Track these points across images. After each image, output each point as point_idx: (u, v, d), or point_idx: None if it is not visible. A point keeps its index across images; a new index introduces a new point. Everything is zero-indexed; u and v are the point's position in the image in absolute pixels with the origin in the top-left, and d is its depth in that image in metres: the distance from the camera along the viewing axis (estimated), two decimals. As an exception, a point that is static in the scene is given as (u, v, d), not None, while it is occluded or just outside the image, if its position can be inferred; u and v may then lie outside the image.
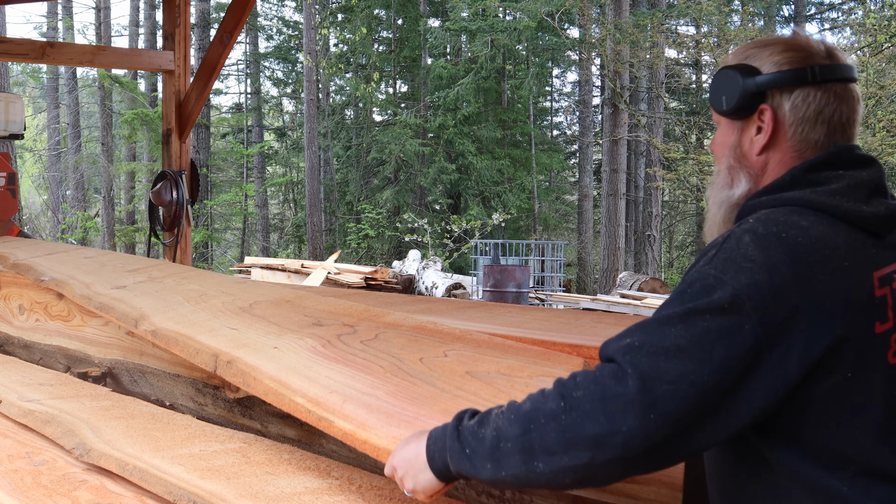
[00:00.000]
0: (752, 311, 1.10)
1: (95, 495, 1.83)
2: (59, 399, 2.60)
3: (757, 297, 1.11)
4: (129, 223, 23.26)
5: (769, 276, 1.12)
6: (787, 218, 1.19)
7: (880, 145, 13.22)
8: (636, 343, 1.12)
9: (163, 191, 6.28)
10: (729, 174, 1.34)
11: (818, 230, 1.17)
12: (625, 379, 1.09)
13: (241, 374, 1.80)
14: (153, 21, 23.34)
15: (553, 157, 23.07)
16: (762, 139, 1.30)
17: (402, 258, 14.72)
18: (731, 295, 1.11)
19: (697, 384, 1.08)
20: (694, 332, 1.10)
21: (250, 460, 1.94)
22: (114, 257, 3.32)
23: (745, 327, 1.10)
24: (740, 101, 1.30)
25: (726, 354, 1.09)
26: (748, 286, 1.11)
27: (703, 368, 1.08)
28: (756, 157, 1.31)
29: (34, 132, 28.19)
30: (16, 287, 3.67)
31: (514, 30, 19.06)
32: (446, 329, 1.74)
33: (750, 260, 1.13)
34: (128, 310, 2.45)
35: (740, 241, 1.16)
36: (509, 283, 10.10)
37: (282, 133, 28.00)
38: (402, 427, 1.41)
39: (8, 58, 6.76)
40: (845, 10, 21.37)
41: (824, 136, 1.27)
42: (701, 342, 1.09)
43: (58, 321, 3.36)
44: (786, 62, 1.28)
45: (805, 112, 1.27)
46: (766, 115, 1.29)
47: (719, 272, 1.14)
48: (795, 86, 1.27)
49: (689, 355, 1.09)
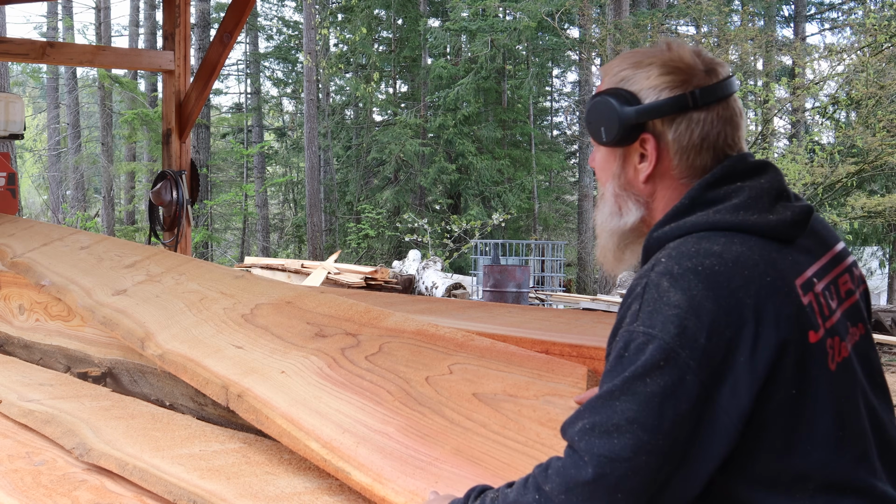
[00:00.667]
0: (689, 359, 1.07)
1: (95, 495, 1.83)
2: (59, 399, 2.60)
3: (690, 344, 1.07)
4: (129, 223, 23.26)
5: (696, 318, 1.08)
6: (697, 247, 1.14)
7: (880, 145, 13.21)
8: (587, 426, 1.10)
9: (163, 191, 6.28)
10: (616, 202, 1.29)
11: (732, 251, 1.13)
12: (584, 467, 1.07)
13: (254, 410, 1.81)
14: (153, 21, 23.34)
15: (553, 157, 23.06)
16: (647, 168, 1.25)
17: (402, 258, 14.72)
18: (665, 350, 1.08)
19: (655, 451, 1.06)
20: (639, 399, 1.07)
21: (250, 460, 1.94)
22: (109, 246, 3.30)
23: (687, 378, 1.07)
24: (620, 133, 1.24)
25: (676, 412, 1.06)
26: (678, 336, 1.08)
27: (657, 434, 1.06)
28: (643, 185, 1.27)
29: (34, 132, 28.19)
30: (16, 287, 3.67)
31: (514, 30, 19.06)
32: (448, 335, 1.74)
33: (674, 306, 1.09)
34: (132, 326, 2.45)
35: (659, 287, 1.12)
36: (509, 283, 10.11)
37: (282, 133, 28.01)
38: (418, 478, 1.42)
39: (8, 58, 6.76)
40: (845, 10, 21.36)
41: (711, 161, 1.23)
42: (648, 408, 1.06)
43: (58, 321, 3.35)
44: (665, 87, 1.22)
45: (689, 139, 1.22)
46: (648, 145, 1.24)
47: (647, 327, 1.10)
48: (677, 113, 1.22)
49: (641, 425, 1.06)
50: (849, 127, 14.55)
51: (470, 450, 1.42)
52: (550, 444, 1.33)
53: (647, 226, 1.29)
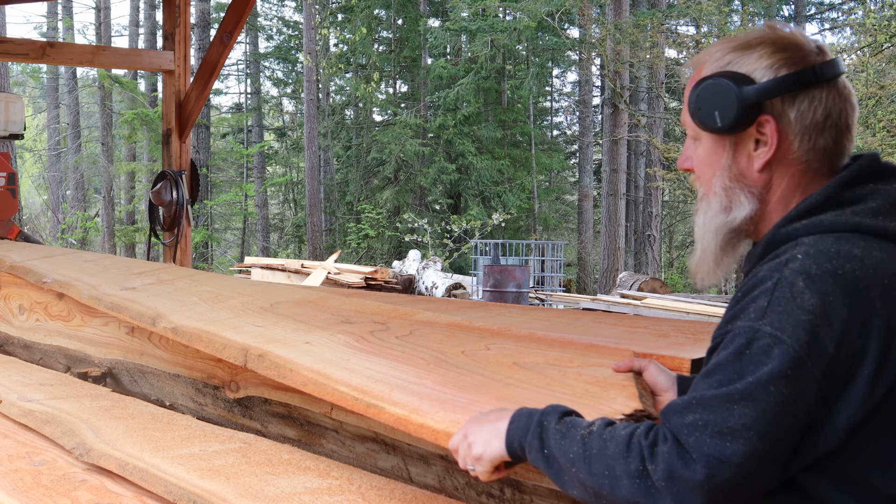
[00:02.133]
0: (815, 369, 1.03)
1: (95, 495, 1.83)
2: (59, 399, 2.60)
3: (819, 353, 1.03)
4: (129, 223, 23.26)
5: (830, 326, 1.03)
6: (838, 248, 1.08)
7: (880, 145, 13.22)
8: (700, 422, 1.05)
9: (163, 191, 6.28)
10: (727, 196, 1.21)
11: (873, 257, 1.07)
12: (692, 463, 1.04)
13: (276, 366, 1.72)
14: (153, 21, 23.34)
15: (553, 157, 23.07)
16: (765, 154, 1.17)
17: (402, 258, 14.72)
18: (794, 358, 1.03)
19: (767, 459, 1.03)
20: (759, 407, 1.03)
21: (250, 460, 1.94)
22: (116, 261, 3.30)
23: (810, 387, 1.03)
24: (739, 115, 1.15)
25: (794, 421, 1.04)
26: (809, 344, 1.03)
27: (772, 443, 1.03)
28: (757, 175, 1.19)
29: (34, 132, 28.19)
30: (16, 287, 3.67)
31: (514, 30, 19.06)
32: (483, 326, 1.72)
33: (808, 311, 1.04)
34: (142, 309, 2.39)
35: (794, 287, 1.06)
36: (509, 283, 10.11)
37: (282, 133, 28.01)
38: (459, 412, 1.33)
39: (8, 58, 6.76)
40: (845, 10, 21.37)
41: (832, 142, 1.16)
42: (767, 417, 1.03)
43: (58, 321, 3.35)
44: (782, 64, 1.15)
45: (813, 118, 1.15)
46: (767, 128, 1.16)
47: (776, 329, 1.04)
48: (799, 90, 1.14)
49: (757, 433, 1.03)
50: (849, 127, 14.53)
51: (513, 396, 1.34)
52: (599, 397, 1.28)
53: (754, 223, 1.22)
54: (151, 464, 1.89)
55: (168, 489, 1.76)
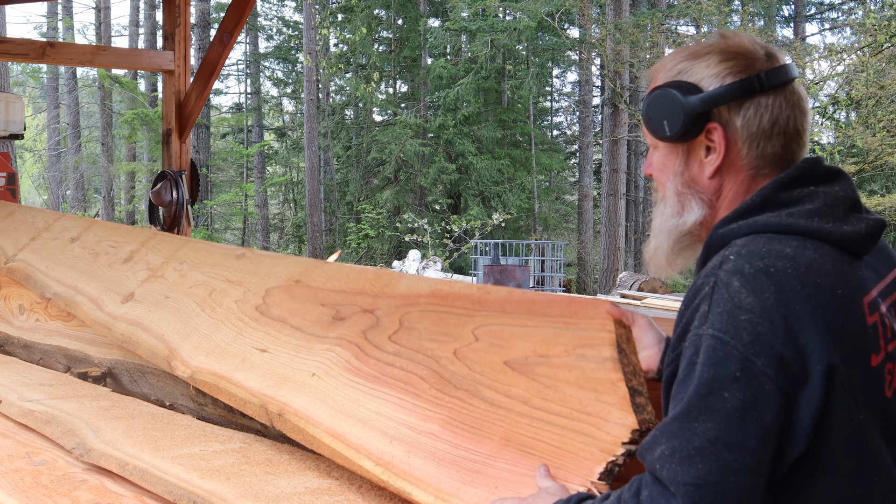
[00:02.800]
0: (766, 367, 1.01)
1: (95, 495, 1.83)
2: (59, 399, 2.60)
3: (766, 351, 1.02)
4: (130, 223, 23.28)
5: (770, 323, 1.03)
6: (769, 247, 1.08)
7: (880, 145, 13.22)
8: (666, 452, 1.04)
9: (163, 191, 6.28)
10: (679, 201, 1.23)
11: (805, 257, 1.08)
12: (672, 498, 1.02)
13: (299, 430, 1.81)
14: (153, 21, 23.35)
15: (553, 157, 23.08)
16: (714, 161, 1.19)
17: (402, 258, 14.72)
18: (741, 359, 1.02)
19: (743, 470, 1.00)
20: (719, 417, 1.01)
21: (250, 460, 1.94)
22: (101, 234, 3.27)
23: (767, 387, 1.01)
24: (685, 124, 1.17)
25: (760, 425, 1.01)
26: (753, 343, 1.02)
27: (742, 452, 1.00)
28: (708, 181, 1.20)
29: (34, 132, 28.20)
30: (16, 287, 3.67)
31: (514, 30, 19.07)
32: (463, 292, 1.73)
33: (746, 310, 1.03)
34: (153, 343, 2.45)
35: (730, 287, 1.06)
36: (509, 283, 10.11)
37: (282, 133, 28.02)
38: (477, 485, 1.42)
39: (8, 58, 6.76)
40: (845, 10, 21.37)
41: (781, 148, 1.17)
42: (731, 426, 1.01)
43: (58, 321, 3.35)
44: (728, 73, 1.17)
45: (759, 125, 1.16)
46: (715, 135, 1.18)
47: (718, 331, 1.04)
48: (745, 98, 1.16)
49: (725, 444, 1.00)
50: (849, 127, 14.56)
51: (518, 437, 1.42)
52: (594, 412, 1.32)
53: (706, 228, 1.24)
54: (151, 464, 1.89)
55: (168, 489, 1.76)
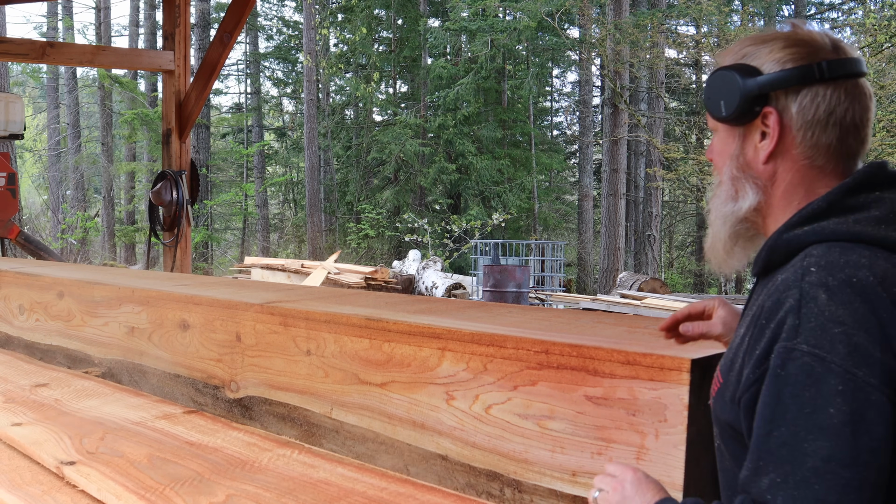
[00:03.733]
0: (869, 377, 0.99)
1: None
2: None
3: (866, 361, 1.00)
4: (129, 223, 23.26)
5: (866, 332, 1.01)
6: (846, 258, 1.07)
7: (880, 145, 13.23)
8: (778, 480, 1.01)
9: (163, 191, 6.28)
10: (733, 186, 1.23)
11: (879, 268, 1.07)
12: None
13: None
14: (153, 21, 23.35)
15: (553, 157, 23.07)
16: (768, 146, 1.19)
17: (402, 258, 14.72)
18: (842, 373, 1.00)
19: (861, 486, 0.98)
20: (829, 435, 0.98)
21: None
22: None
23: (873, 397, 0.99)
24: (741, 106, 1.19)
25: (871, 437, 0.98)
26: (851, 355, 1.00)
27: (859, 468, 0.98)
28: (762, 167, 1.20)
29: (34, 132, 28.20)
30: (16, 287, 3.67)
31: (514, 30, 19.07)
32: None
33: (839, 323, 1.02)
34: None
35: (818, 300, 1.04)
36: (509, 283, 10.11)
37: (282, 133, 28.02)
38: None
39: (8, 58, 6.76)
40: (845, 10, 21.38)
41: (836, 140, 1.17)
42: (842, 442, 0.98)
43: (58, 321, 3.36)
44: (789, 59, 1.17)
45: (815, 114, 1.16)
46: (770, 120, 1.18)
47: (813, 347, 1.02)
48: (802, 85, 1.16)
49: (840, 462, 0.98)
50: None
51: None
52: None
53: (761, 215, 1.24)
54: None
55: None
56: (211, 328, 2.55)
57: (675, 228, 25.47)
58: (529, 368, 1.72)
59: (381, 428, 2.02)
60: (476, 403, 1.82)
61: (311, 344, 2.21)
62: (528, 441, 1.73)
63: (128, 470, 1.89)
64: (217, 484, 1.81)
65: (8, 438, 2.18)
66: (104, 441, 2.11)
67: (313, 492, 1.75)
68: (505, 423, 1.76)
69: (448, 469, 1.89)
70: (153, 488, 1.78)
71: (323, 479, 1.84)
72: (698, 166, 15.53)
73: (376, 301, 2.47)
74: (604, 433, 1.62)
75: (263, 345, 2.36)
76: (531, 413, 1.72)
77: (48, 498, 1.80)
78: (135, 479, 1.84)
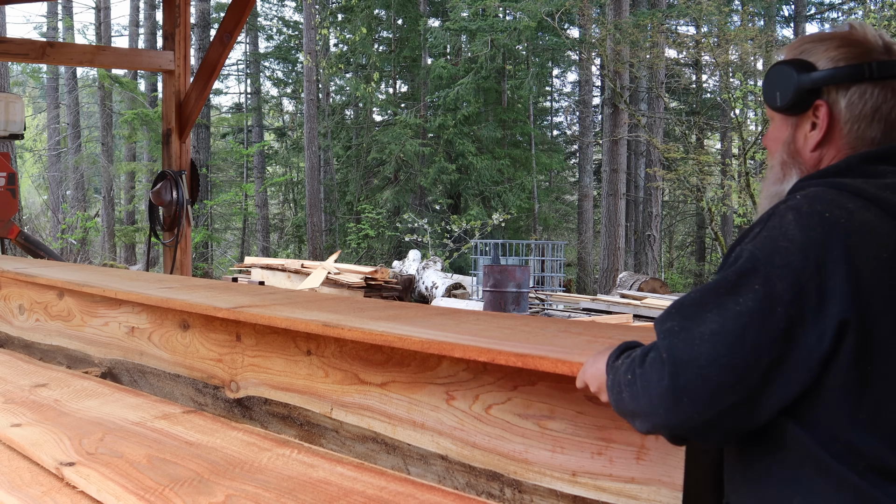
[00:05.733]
0: (785, 293, 1.11)
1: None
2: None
3: (789, 280, 1.11)
4: (129, 223, 23.26)
5: (804, 257, 1.12)
6: (834, 198, 1.18)
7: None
8: (675, 328, 1.17)
9: (163, 191, 6.28)
10: (782, 170, 1.34)
11: (863, 216, 1.16)
12: (662, 367, 1.15)
13: None
14: (153, 21, 23.34)
15: (553, 157, 23.06)
16: (816, 135, 1.29)
17: (402, 258, 14.72)
18: (764, 277, 1.12)
19: (729, 367, 1.11)
20: (727, 316, 1.12)
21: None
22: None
23: (778, 310, 1.11)
24: (795, 98, 1.29)
25: (758, 338, 1.11)
26: (781, 268, 1.12)
27: (734, 352, 1.11)
28: (810, 154, 1.30)
29: (34, 132, 28.19)
30: (16, 287, 3.67)
31: (514, 30, 19.06)
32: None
33: (788, 239, 1.14)
34: None
35: (783, 218, 1.17)
36: (509, 283, 10.10)
37: (282, 133, 28.00)
38: None
39: (8, 58, 6.76)
40: (845, 11, 21.37)
41: (881, 134, 1.26)
42: (733, 326, 1.12)
43: (58, 321, 3.35)
44: (842, 58, 1.27)
45: (862, 109, 1.26)
46: (821, 112, 1.28)
47: (756, 250, 1.15)
48: (852, 82, 1.26)
49: (722, 340, 1.12)
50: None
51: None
52: None
53: None
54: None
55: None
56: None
57: (675, 228, 25.46)
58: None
59: (380, 428, 2.01)
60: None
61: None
62: (528, 441, 1.73)
63: (127, 470, 1.89)
64: (216, 484, 1.81)
65: (7, 439, 2.18)
66: (104, 441, 2.11)
67: (313, 491, 1.75)
68: (505, 422, 1.76)
69: (447, 469, 1.89)
70: (153, 489, 1.77)
71: (322, 478, 1.84)
72: (698, 166, 15.52)
73: (347, 307, 2.46)
74: (604, 433, 1.62)
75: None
76: (530, 413, 1.72)
77: (48, 499, 1.79)
78: (134, 479, 1.83)
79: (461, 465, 1.85)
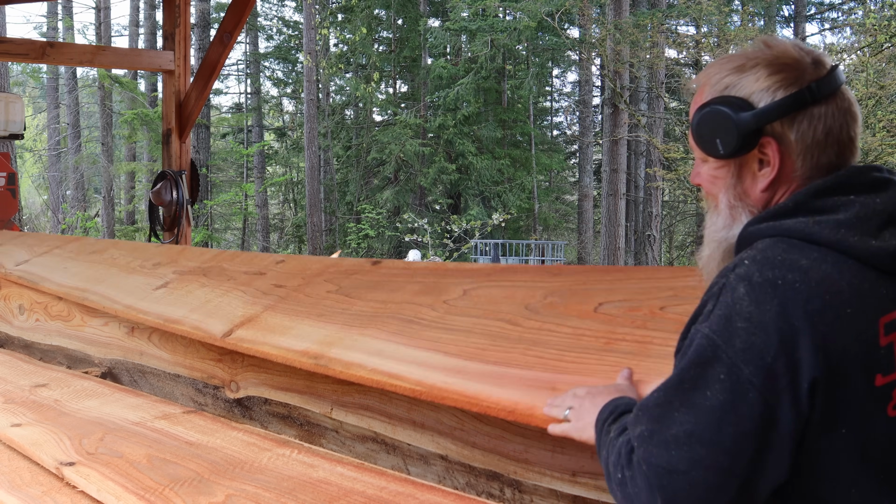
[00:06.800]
0: (754, 377, 1.03)
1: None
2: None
3: (755, 362, 1.03)
4: (129, 223, 23.26)
5: (766, 336, 1.03)
6: (785, 256, 1.08)
7: (880, 145, 13.22)
8: (645, 433, 1.09)
9: (163, 191, 6.28)
10: (730, 213, 1.21)
11: (820, 271, 1.06)
12: (646, 479, 1.07)
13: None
14: (153, 21, 23.34)
15: (553, 157, 23.07)
16: (769, 174, 1.17)
17: (402, 258, 14.72)
18: (728, 364, 1.04)
19: (713, 467, 1.03)
20: (698, 413, 1.05)
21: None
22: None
23: (750, 396, 1.03)
24: (739, 142, 1.15)
25: (736, 429, 1.03)
26: (744, 351, 1.04)
27: (716, 451, 1.03)
28: (760, 194, 1.18)
29: (34, 132, 28.19)
30: (16, 287, 3.67)
31: (514, 30, 19.06)
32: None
33: (745, 318, 1.05)
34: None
35: (735, 292, 1.07)
36: (509, 283, 10.09)
37: (282, 133, 28.01)
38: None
39: (8, 58, 6.76)
40: (845, 10, 21.37)
41: (835, 157, 1.15)
42: (707, 423, 1.04)
43: (58, 321, 3.35)
44: (778, 86, 1.14)
45: (814, 136, 1.14)
46: (769, 149, 1.15)
47: (714, 334, 1.06)
48: (797, 111, 1.13)
49: (699, 439, 1.04)
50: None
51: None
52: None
53: None
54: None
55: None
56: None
57: (675, 228, 25.46)
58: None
59: (380, 428, 2.02)
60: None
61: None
62: (528, 441, 1.73)
63: (127, 470, 1.89)
64: (216, 484, 1.81)
65: (7, 439, 2.18)
66: (104, 441, 2.11)
67: (313, 491, 1.75)
68: (505, 422, 1.76)
69: (447, 469, 1.88)
70: (153, 489, 1.77)
71: (322, 478, 1.84)
72: (698, 166, 15.49)
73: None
74: (604, 433, 1.61)
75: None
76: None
77: (48, 499, 1.79)
78: (134, 479, 1.83)
79: (461, 465, 1.84)
